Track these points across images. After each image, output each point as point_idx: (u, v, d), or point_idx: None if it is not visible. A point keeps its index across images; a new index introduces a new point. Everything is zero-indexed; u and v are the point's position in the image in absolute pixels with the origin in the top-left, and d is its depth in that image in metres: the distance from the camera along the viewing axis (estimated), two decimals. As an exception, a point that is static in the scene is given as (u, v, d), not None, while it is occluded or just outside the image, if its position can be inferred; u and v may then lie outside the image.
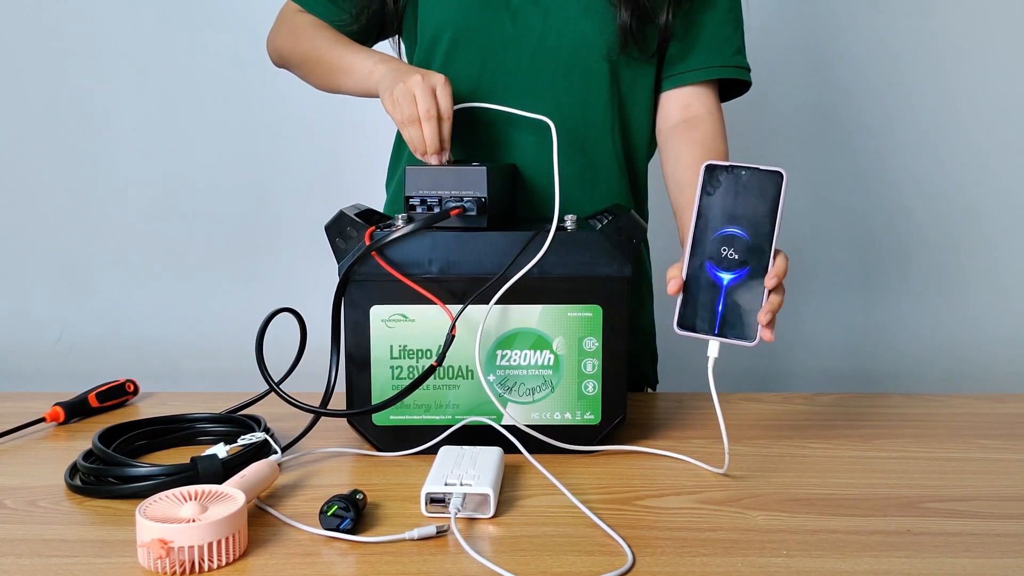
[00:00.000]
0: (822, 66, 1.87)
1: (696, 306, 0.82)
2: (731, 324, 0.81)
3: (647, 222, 1.23)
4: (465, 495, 0.73)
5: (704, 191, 0.82)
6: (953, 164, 1.89)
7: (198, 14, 1.87)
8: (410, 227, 0.85)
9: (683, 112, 1.11)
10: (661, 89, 1.12)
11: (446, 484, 0.74)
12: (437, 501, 0.74)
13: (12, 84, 1.89)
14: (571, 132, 1.07)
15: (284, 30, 1.15)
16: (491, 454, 0.81)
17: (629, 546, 0.69)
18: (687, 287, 0.82)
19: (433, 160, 0.94)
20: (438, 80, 0.94)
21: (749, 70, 1.12)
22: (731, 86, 1.15)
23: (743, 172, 0.82)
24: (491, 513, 0.74)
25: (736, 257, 0.81)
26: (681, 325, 0.82)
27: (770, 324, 0.81)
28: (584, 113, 1.07)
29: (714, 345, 0.82)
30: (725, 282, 0.81)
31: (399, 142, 1.21)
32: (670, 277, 0.84)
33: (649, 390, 1.26)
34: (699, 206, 0.82)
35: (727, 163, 0.83)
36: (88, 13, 1.87)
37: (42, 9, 1.87)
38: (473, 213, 0.88)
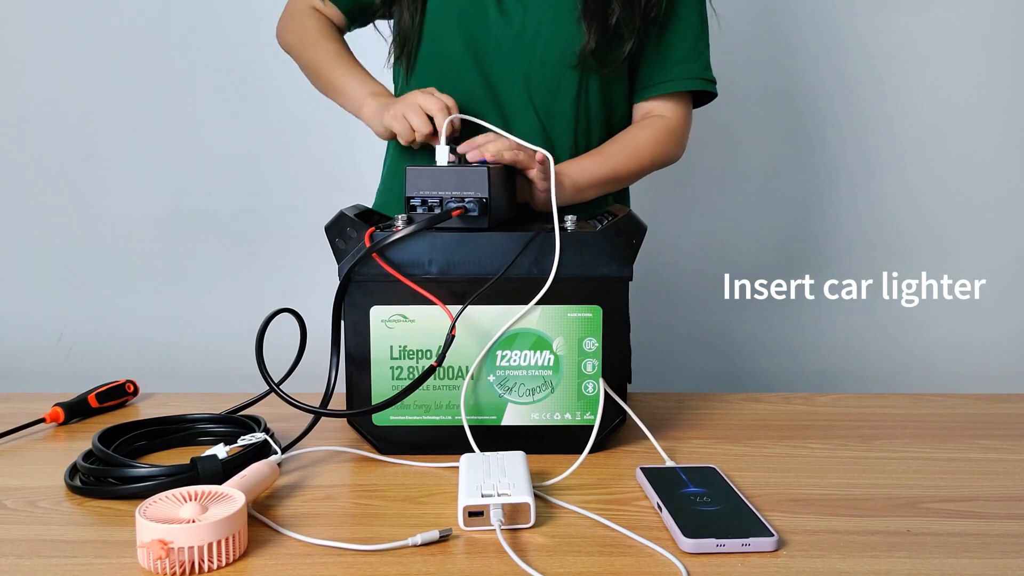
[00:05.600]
0: (817, 59, 1.87)
1: None
2: None
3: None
4: (503, 506, 0.71)
5: None
6: (953, 163, 1.89)
7: (198, 15, 1.87)
8: (411, 228, 0.85)
9: (642, 118, 1.18)
10: (633, 101, 1.19)
11: (483, 496, 0.72)
12: (475, 514, 0.72)
13: (12, 84, 1.89)
14: (539, 119, 1.13)
15: (293, 27, 1.23)
16: (516, 459, 0.80)
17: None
18: None
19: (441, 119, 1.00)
20: (424, 94, 1.02)
21: (715, 83, 1.18)
22: (697, 99, 1.21)
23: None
24: (531, 522, 0.72)
25: None
26: None
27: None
28: (553, 103, 1.13)
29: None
30: None
31: (390, 148, 1.26)
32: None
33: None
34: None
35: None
36: (89, 14, 1.87)
37: (42, 10, 1.87)
38: (475, 214, 0.88)
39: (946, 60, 1.86)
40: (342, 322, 0.89)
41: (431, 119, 1.02)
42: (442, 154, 0.96)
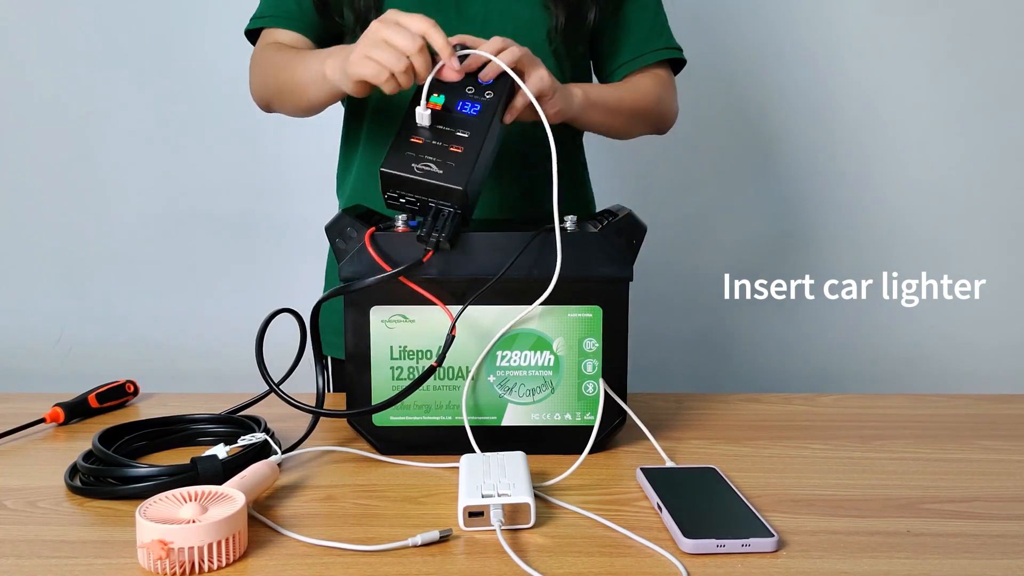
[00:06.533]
0: (817, 62, 1.87)
1: None
2: None
3: (592, 204, 1.26)
4: (503, 506, 0.71)
5: None
6: (953, 163, 1.89)
7: (197, 15, 1.87)
8: (379, 277, 0.82)
9: None
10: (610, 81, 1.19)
11: (483, 496, 0.72)
12: (475, 515, 0.72)
13: (12, 85, 1.89)
14: None
15: (255, 71, 1.15)
16: (517, 459, 0.80)
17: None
18: None
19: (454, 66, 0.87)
20: (388, 25, 0.87)
21: (681, 49, 1.19)
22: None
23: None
24: (532, 522, 0.72)
25: None
26: None
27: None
28: None
29: None
30: None
31: (345, 147, 1.24)
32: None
33: None
34: None
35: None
36: (88, 14, 1.87)
37: (42, 9, 1.87)
38: (447, 245, 0.84)
39: (946, 60, 1.86)
40: (345, 326, 0.89)
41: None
42: (423, 117, 0.87)
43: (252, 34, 1.18)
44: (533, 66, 0.92)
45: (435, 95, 0.88)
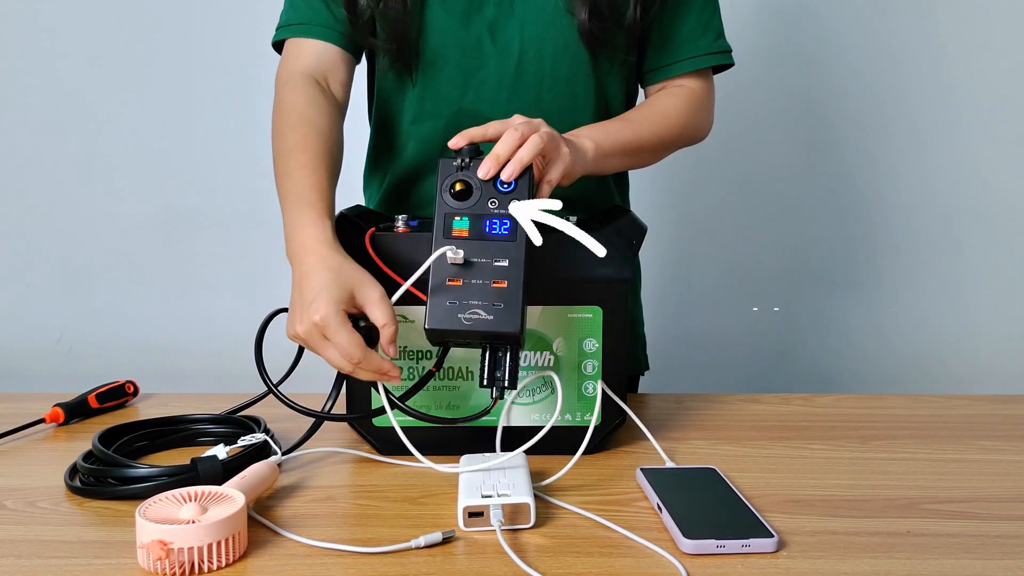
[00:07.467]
0: (817, 64, 1.88)
1: None
2: None
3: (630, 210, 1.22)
4: (503, 506, 0.71)
5: None
6: (951, 164, 1.89)
7: (196, 17, 1.87)
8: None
9: (659, 90, 1.11)
10: (645, 84, 1.12)
11: (483, 496, 0.72)
12: (475, 515, 0.72)
13: (12, 86, 1.89)
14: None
15: (275, 115, 1.07)
16: (517, 460, 0.80)
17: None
18: None
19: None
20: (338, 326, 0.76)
21: (730, 51, 1.10)
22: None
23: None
24: (531, 522, 0.72)
25: None
26: None
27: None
28: (574, 121, 1.04)
29: None
30: None
31: (374, 143, 1.17)
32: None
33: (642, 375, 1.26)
34: None
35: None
36: (87, 16, 1.87)
37: (41, 11, 1.87)
38: (513, 387, 0.80)
39: (946, 61, 1.86)
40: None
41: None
42: (455, 259, 0.78)
43: (278, 45, 1.10)
44: (555, 147, 0.85)
45: (457, 219, 0.79)
